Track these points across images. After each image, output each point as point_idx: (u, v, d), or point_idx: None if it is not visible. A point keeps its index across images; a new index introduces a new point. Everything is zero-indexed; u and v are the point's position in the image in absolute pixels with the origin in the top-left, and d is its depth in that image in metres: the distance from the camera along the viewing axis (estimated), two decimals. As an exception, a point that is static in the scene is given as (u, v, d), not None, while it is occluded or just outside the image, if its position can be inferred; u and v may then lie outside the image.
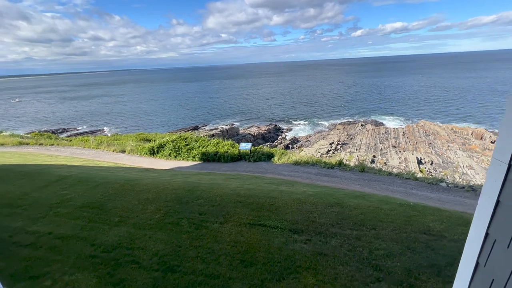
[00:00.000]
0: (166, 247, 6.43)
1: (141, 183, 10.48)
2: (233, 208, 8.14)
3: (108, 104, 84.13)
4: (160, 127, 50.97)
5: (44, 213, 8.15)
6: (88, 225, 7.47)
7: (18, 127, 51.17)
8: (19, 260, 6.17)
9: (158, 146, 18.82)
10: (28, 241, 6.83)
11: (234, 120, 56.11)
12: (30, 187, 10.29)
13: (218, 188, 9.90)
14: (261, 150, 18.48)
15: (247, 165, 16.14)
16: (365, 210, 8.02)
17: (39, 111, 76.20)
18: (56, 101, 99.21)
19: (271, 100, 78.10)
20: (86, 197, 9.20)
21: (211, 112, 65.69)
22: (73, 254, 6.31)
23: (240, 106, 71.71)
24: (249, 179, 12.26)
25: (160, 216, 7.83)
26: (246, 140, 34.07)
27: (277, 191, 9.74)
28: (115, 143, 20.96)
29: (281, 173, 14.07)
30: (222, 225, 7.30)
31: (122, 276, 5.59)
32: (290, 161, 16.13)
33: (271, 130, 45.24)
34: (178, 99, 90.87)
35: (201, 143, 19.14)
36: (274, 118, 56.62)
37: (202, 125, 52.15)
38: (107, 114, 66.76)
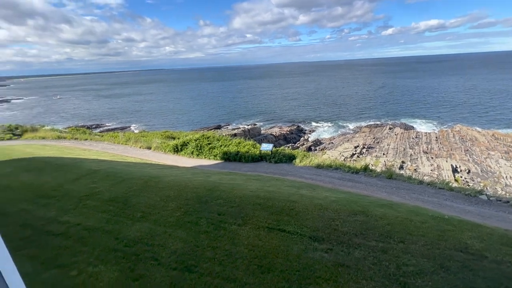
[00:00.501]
0: (185, 246, 6.47)
1: (164, 180, 10.75)
2: (252, 210, 8.02)
3: (137, 102, 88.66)
4: (185, 125, 52.55)
5: (74, 204, 8.64)
6: (113, 218, 7.78)
7: (58, 122, 55.71)
8: (50, 248, 6.57)
9: (182, 144, 19.31)
10: (59, 230, 7.26)
11: (256, 120, 56.19)
12: (64, 179, 11.01)
13: (238, 188, 9.84)
14: (283, 151, 18.20)
15: (268, 166, 15.97)
16: (393, 221, 7.48)
17: (76, 108, 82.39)
18: (91, 99, 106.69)
19: (295, 100, 77.09)
20: (113, 191, 9.62)
21: (234, 112, 66.40)
22: (98, 246, 6.59)
23: (263, 106, 71.67)
24: (270, 180, 12.08)
25: (180, 214, 7.94)
26: (267, 141, 33.88)
27: (298, 195, 9.46)
28: (142, 140, 21.89)
29: (303, 176, 13.71)
30: (240, 227, 7.21)
31: (142, 272, 5.70)
32: (312, 164, 15.68)
33: (293, 131, 44.61)
34: (203, 98, 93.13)
35: (223, 143, 19.31)
36: (297, 119, 55.80)
37: (225, 125, 52.88)
38: (136, 112, 70.32)
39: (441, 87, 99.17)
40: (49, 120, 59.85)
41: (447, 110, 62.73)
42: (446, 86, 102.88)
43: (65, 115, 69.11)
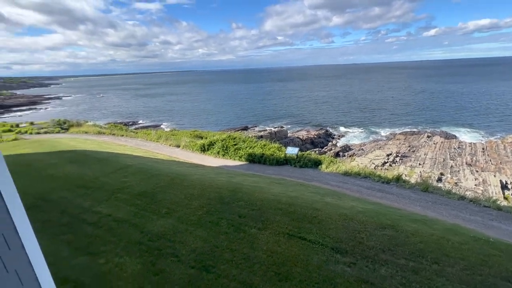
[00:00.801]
0: (204, 246, 6.54)
1: (189, 178, 11.05)
2: (273, 215, 7.88)
3: (170, 102, 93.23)
4: (213, 125, 53.93)
5: (107, 196, 9.24)
6: (140, 212, 8.16)
7: (99, 118, 60.69)
8: (83, 236, 7.07)
9: (209, 144, 19.78)
10: (92, 220, 7.80)
11: (283, 123, 55.74)
12: (100, 172, 11.86)
13: (260, 192, 9.75)
14: (309, 156, 17.74)
15: (292, 170, 15.66)
16: (426, 239, 6.83)
17: (116, 105, 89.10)
18: (129, 97, 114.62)
19: (324, 104, 75.06)
20: (142, 186, 10.12)
21: (261, 114, 66.60)
22: (124, 237, 6.94)
23: (291, 109, 70.88)
24: (293, 185, 11.81)
25: (202, 213, 8.06)
26: (294, 144, 33.35)
27: (322, 203, 9.10)
28: (172, 138, 22.88)
29: (328, 182, 13.20)
30: (260, 231, 7.11)
31: (162, 267, 5.87)
32: (339, 171, 15.04)
33: (321, 135, 43.40)
34: (232, 100, 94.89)
35: (248, 144, 19.40)
36: (325, 123, 54.23)
37: (251, 126, 53.21)
38: (169, 111, 73.98)
39: (492, 93, 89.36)
40: (92, 116, 65.46)
41: (498, 119, 56.31)
42: (498, 92, 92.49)
43: (106, 112, 75.09)
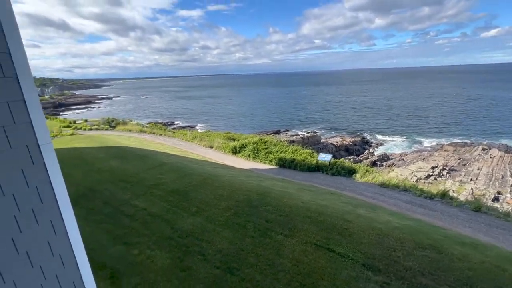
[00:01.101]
0: (230, 247, 6.60)
1: (220, 179, 11.30)
2: (300, 223, 7.65)
3: (206, 104, 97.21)
4: (245, 128, 54.70)
5: (144, 191, 9.88)
6: (172, 209, 8.55)
7: (142, 118, 65.60)
8: (121, 226, 7.63)
9: (240, 146, 20.09)
10: (130, 212, 8.38)
11: (317, 128, 54.31)
12: (139, 168, 12.75)
13: (289, 198, 9.56)
14: (342, 163, 16.97)
15: (324, 177, 15.11)
16: (476, 266, 6.02)
17: (157, 106, 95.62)
18: (170, 99, 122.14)
19: (362, 110, 71.42)
20: (176, 184, 10.62)
21: (294, 118, 65.78)
22: (157, 232, 7.32)
23: (326, 114, 68.80)
24: (324, 194, 11.37)
25: (230, 214, 8.16)
26: (327, 151, 32.25)
27: (354, 214, 8.59)
28: (206, 139, 23.74)
29: (362, 193, 12.45)
30: (286, 238, 6.95)
31: (189, 264, 6.05)
32: (376, 181, 14.10)
33: (357, 143, 41.30)
34: (265, 103, 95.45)
35: (279, 148, 19.25)
36: (362, 130, 51.49)
37: (284, 130, 52.78)
38: (204, 113, 77.14)
39: None
40: (136, 115, 71.05)
41: None
42: None
43: (148, 112, 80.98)
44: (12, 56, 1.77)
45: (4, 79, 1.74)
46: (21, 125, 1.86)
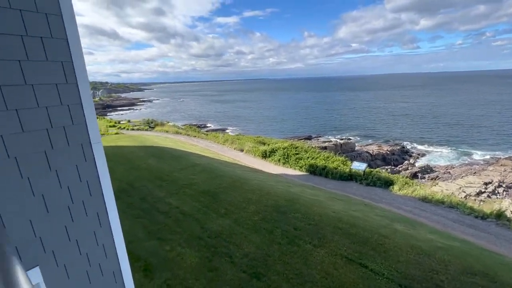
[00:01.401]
0: (257, 252, 6.57)
1: (249, 183, 11.39)
2: (331, 234, 7.35)
3: (238, 108, 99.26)
4: (276, 132, 54.54)
5: (177, 190, 10.35)
6: (202, 209, 8.82)
7: (178, 120, 69.18)
8: (156, 222, 8.07)
9: (270, 151, 20.07)
10: (164, 209, 8.83)
11: (351, 135, 52.04)
12: (174, 167, 13.42)
13: (319, 206, 9.26)
14: (378, 173, 16.00)
15: (358, 187, 14.37)
16: (542, 302, 5.17)
17: (192, 109, 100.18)
18: (204, 102, 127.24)
19: (403, 117, 66.74)
20: (206, 185, 10.95)
21: (327, 124, 63.87)
22: (187, 230, 7.60)
23: (362, 121, 65.64)
24: (357, 204, 10.80)
25: (258, 219, 8.16)
26: (361, 159, 30.69)
27: (391, 229, 8.00)
28: (236, 142, 24.19)
29: (400, 207, 11.57)
30: (315, 249, 6.72)
31: (217, 265, 6.15)
32: (416, 195, 13.01)
33: (396, 152, 38.57)
34: (297, 108, 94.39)
35: (310, 154, 18.84)
36: (402, 138, 47.98)
37: (315, 136, 51.50)
38: (237, 117, 78.75)
39: None
40: (173, 117, 75.20)
41: None
42: None
43: (183, 115, 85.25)
44: (74, 65, 1.99)
45: (67, 85, 1.96)
46: (78, 126, 2.07)
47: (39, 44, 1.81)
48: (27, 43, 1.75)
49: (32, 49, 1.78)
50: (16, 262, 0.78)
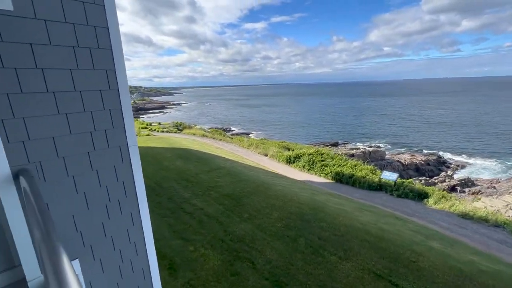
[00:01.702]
0: (279, 259, 6.47)
1: (272, 188, 11.32)
2: (358, 246, 7.00)
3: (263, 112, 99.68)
4: (301, 138, 53.71)
5: (202, 192, 10.60)
6: (226, 212, 8.92)
7: (204, 123, 71.23)
8: (181, 222, 8.32)
9: (295, 156, 19.81)
10: (189, 210, 9.08)
11: (381, 142, 49.55)
12: (200, 169, 13.79)
13: (346, 216, 8.90)
14: (411, 184, 15.00)
15: (387, 198, 13.58)
16: None
17: (218, 113, 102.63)
18: (230, 106, 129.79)
19: (440, 125, 62.12)
20: (231, 188, 11.08)
21: (355, 130, 61.53)
22: (211, 232, 7.72)
23: (393, 128, 62.27)
24: (387, 217, 10.20)
25: (281, 226, 8.04)
26: (392, 168, 29.04)
27: (425, 246, 7.42)
28: (261, 147, 24.25)
29: (436, 222, 10.70)
30: (341, 261, 6.44)
31: (239, 269, 6.16)
32: (454, 210, 11.95)
33: (431, 162, 35.88)
34: (323, 113, 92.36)
35: (337, 162, 18.26)
36: (439, 147, 44.56)
37: (342, 143, 49.83)
38: (261, 121, 79.12)
39: None
40: (200, 121, 77.63)
41: None
42: None
43: (210, 118, 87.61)
44: (117, 73, 2.14)
45: (109, 91, 2.11)
46: (117, 129, 2.22)
47: (87, 54, 1.97)
48: (78, 53, 1.92)
49: (82, 59, 1.95)
50: (63, 253, 0.85)
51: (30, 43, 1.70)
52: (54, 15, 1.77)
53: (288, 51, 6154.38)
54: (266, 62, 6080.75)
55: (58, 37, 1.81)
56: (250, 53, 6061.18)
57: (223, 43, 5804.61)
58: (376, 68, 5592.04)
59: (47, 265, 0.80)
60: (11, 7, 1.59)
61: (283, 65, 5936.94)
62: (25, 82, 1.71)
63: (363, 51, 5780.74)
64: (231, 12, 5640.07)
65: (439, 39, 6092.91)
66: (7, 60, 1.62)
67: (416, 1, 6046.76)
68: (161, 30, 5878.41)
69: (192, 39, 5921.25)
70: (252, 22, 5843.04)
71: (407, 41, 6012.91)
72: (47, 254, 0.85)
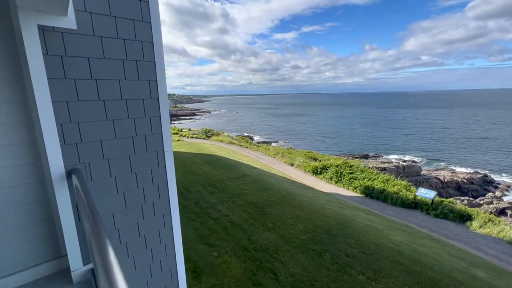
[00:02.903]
0: (303, 273, 6.27)
1: (298, 199, 11.10)
2: (389, 268, 6.53)
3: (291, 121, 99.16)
4: (329, 149, 52.24)
5: (227, 198, 10.75)
6: (250, 220, 8.92)
7: (232, 130, 72.72)
8: (206, 227, 8.48)
9: (322, 167, 19.29)
10: (214, 216, 9.24)
11: (417, 156, 46.30)
12: (226, 176, 14.03)
13: (376, 234, 8.39)
14: (451, 204, 13.73)
15: (424, 218, 12.56)
16: None
17: (246, 121, 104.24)
18: (258, 115, 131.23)
19: (487, 140, 56.59)
20: (255, 196, 11.09)
21: (388, 143, 58.28)
22: (234, 239, 7.75)
23: (431, 142, 57.88)
24: (423, 238, 9.41)
25: (306, 238, 7.82)
26: (429, 185, 26.88)
27: (468, 274, 6.68)
28: (287, 156, 24.04)
29: (481, 248, 9.61)
30: (369, 281, 6.05)
31: (261, 280, 6.07)
32: (504, 236, 10.65)
33: (475, 181, 32.52)
34: (353, 124, 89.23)
35: (367, 175, 17.40)
36: (484, 165, 40.42)
37: (373, 155, 47.42)
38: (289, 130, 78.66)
39: None
40: (228, 128, 79.43)
41: None
42: None
43: (238, 126, 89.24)
44: (158, 83, 2.31)
45: (151, 100, 2.29)
46: (156, 135, 2.38)
47: (134, 66, 2.16)
48: (126, 66, 2.12)
49: (129, 71, 2.14)
50: (109, 245, 0.94)
51: (88, 57, 1.92)
52: (108, 32, 1.99)
53: (318, 61, 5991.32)
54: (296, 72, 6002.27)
55: (110, 52, 2.02)
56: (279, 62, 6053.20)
57: (253, 53, 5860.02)
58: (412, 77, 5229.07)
59: (97, 257, 0.89)
60: (75, 26, 1.82)
61: (312, 74, 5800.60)
62: (82, 91, 1.92)
63: (398, 60, 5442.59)
64: (262, 23, 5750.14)
65: (486, 47, 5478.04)
66: (69, 72, 1.85)
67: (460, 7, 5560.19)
68: (194, 41, 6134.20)
69: (223, 49, 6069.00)
70: (283, 32, 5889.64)
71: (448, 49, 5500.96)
72: (97, 247, 0.95)
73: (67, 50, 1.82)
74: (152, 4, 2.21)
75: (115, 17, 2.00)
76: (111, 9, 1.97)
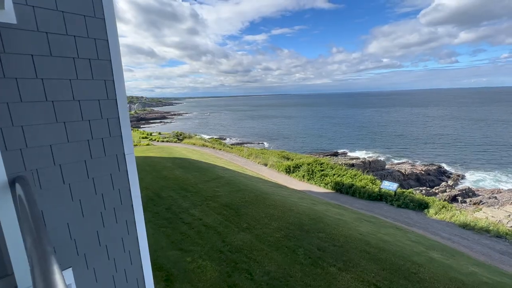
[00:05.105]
0: (278, 271, 6.36)
1: (271, 198, 11.25)
2: (357, 257, 6.90)
3: (263, 122, 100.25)
4: (301, 148, 53.79)
5: (201, 202, 10.53)
6: (224, 222, 8.84)
7: (205, 133, 71.52)
8: (179, 232, 8.22)
9: (294, 166, 19.78)
10: (187, 220, 9.00)
11: (381, 152, 49.58)
12: (199, 179, 13.74)
13: (345, 227, 8.81)
14: (411, 194, 14.91)
15: (388, 209, 13.47)
16: None
17: (218, 123, 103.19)
18: (231, 117, 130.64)
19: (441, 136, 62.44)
20: (229, 198, 11.02)
21: (355, 141, 61.67)
22: (209, 243, 7.62)
23: (393, 138, 62.42)
24: (387, 227, 10.09)
25: (280, 236, 7.95)
26: (392, 178, 28.93)
27: (426, 257, 7.31)
28: (260, 156, 24.24)
29: (437, 233, 10.57)
30: (340, 272, 6.33)
31: (236, 281, 6.04)
32: (455, 221, 11.84)
33: (431, 172, 35.74)
34: (322, 123, 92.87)
35: (336, 171, 18.21)
36: (439, 157, 44.59)
37: (342, 153, 49.83)
38: (261, 131, 79.50)
39: None
40: (200, 130, 77.93)
41: None
42: None
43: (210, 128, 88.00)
44: (115, 83, 2.20)
45: (107, 101, 2.17)
46: (114, 138, 2.25)
47: (87, 65, 2.03)
48: (78, 65, 1.98)
49: (81, 69, 2.01)
50: (54, 262, 0.84)
51: (31, 54, 1.76)
52: (55, 28, 1.85)
53: (289, 63, 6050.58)
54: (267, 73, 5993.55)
55: (59, 49, 1.87)
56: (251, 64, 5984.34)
57: (225, 54, 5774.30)
58: (375, 79, 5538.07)
59: (37, 272, 0.77)
60: (15, 20, 1.66)
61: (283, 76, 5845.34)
62: (25, 91, 1.76)
63: (362, 62, 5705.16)
64: (233, 24, 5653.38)
65: (437, 50, 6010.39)
66: (8, 70, 1.68)
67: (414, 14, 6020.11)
68: (163, 42, 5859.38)
69: (193, 50, 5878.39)
70: (253, 34, 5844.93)
71: (405, 52, 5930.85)
72: (37, 261, 0.82)
73: (5, 46, 1.66)
74: (106, 0, 2.10)
75: (63, 12, 1.86)
76: (57, 3, 1.83)
